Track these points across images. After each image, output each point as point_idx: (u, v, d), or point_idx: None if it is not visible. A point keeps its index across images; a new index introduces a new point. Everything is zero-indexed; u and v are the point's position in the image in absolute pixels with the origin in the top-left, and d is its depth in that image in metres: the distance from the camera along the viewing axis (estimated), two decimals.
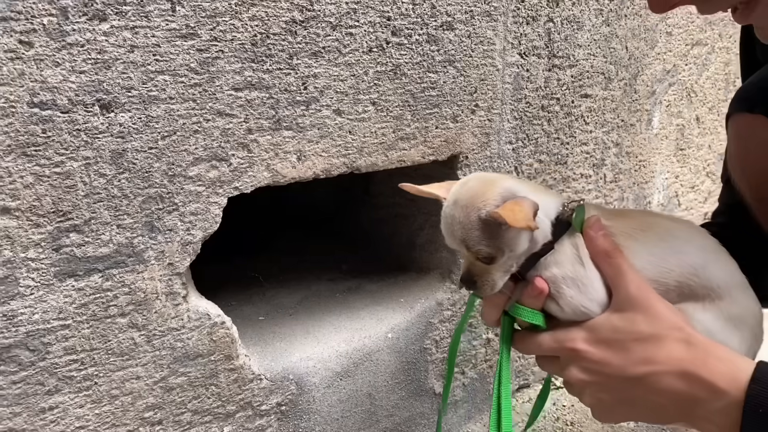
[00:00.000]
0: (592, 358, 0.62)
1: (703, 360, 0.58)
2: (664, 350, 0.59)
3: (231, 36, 0.83)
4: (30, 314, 0.76)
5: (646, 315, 0.61)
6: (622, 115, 1.54)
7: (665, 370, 0.59)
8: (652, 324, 0.60)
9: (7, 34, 0.68)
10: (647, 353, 0.60)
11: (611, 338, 0.62)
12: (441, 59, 1.08)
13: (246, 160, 0.89)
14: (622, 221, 0.70)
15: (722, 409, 0.56)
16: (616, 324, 0.62)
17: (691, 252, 0.68)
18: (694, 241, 0.70)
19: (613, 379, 0.61)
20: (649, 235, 0.69)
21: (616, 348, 0.61)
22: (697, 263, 0.67)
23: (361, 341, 1.11)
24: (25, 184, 0.72)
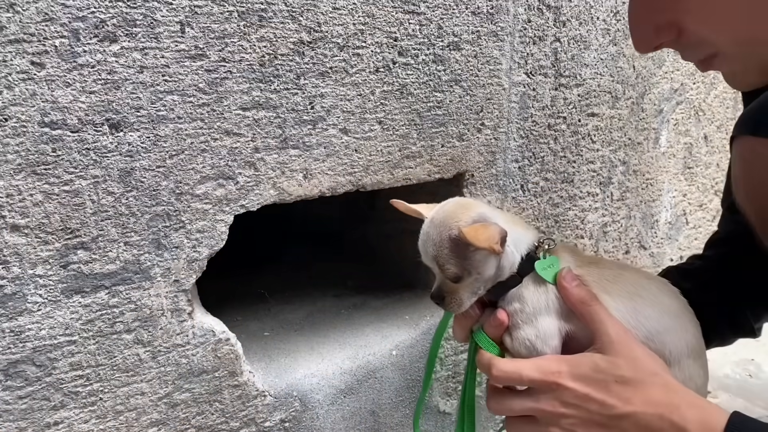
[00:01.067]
0: (575, 392, 0.65)
1: (677, 405, 0.62)
2: (643, 394, 0.63)
3: (239, 57, 0.85)
4: (37, 330, 0.77)
5: (627, 360, 0.65)
6: (629, 134, 1.55)
7: (643, 411, 0.62)
8: (632, 369, 0.64)
9: (20, 55, 0.69)
10: (627, 394, 0.63)
11: (593, 377, 0.65)
12: (447, 79, 1.09)
13: (253, 179, 0.90)
14: (594, 270, 0.74)
15: None
16: (599, 364, 0.66)
17: (651, 316, 0.71)
18: (658, 305, 0.73)
19: (594, 414, 0.65)
20: (617, 289, 0.72)
21: (598, 386, 0.65)
22: (654, 329, 0.70)
23: (366, 358, 1.11)
24: (35, 201, 0.73)
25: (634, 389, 0.64)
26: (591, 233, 1.52)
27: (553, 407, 0.66)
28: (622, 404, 0.64)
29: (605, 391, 0.64)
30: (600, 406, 0.64)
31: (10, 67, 0.69)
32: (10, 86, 0.69)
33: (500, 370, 0.70)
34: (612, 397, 0.64)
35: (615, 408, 0.64)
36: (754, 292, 0.89)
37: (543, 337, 0.71)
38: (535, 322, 0.71)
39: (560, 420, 0.67)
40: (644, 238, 1.72)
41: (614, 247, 1.62)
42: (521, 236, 0.74)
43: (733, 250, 0.92)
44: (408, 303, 1.31)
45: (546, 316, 0.71)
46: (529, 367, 0.69)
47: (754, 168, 0.71)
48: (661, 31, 0.65)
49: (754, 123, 0.70)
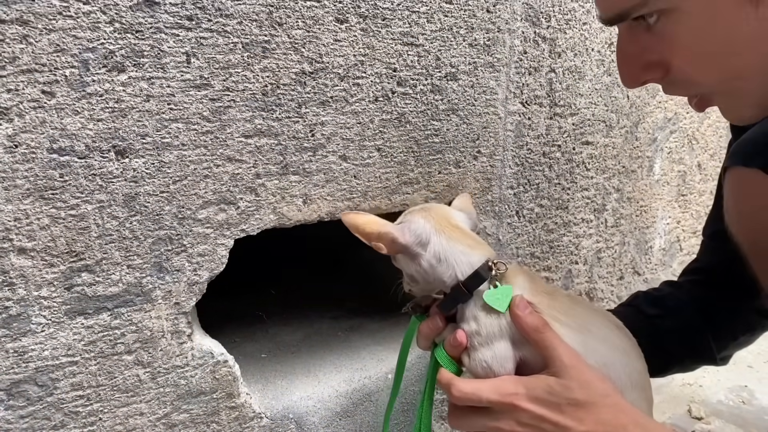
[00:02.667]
0: (531, 413, 0.69)
1: (624, 425, 0.66)
2: (594, 415, 0.67)
3: (243, 86, 0.87)
4: (40, 350, 0.78)
5: (580, 383, 0.68)
6: (624, 162, 1.57)
7: (595, 430, 0.66)
8: (584, 392, 0.68)
9: (32, 84, 0.72)
10: (580, 415, 0.67)
11: (548, 399, 0.69)
12: (444, 108, 1.12)
13: (253, 204, 0.92)
14: (546, 300, 0.77)
15: None
16: (553, 387, 0.69)
17: (599, 350, 0.74)
18: (605, 341, 0.76)
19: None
20: (568, 321, 0.75)
21: (552, 408, 0.69)
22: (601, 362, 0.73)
23: (362, 381, 1.12)
24: (42, 225, 0.76)
25: (586, 411, 0.67)
26: (585, 259, 1.55)
27: (511, 427, 0.70)
28: (575, 424, 0.67)
29: (558, 412, 0.68)
30: (554, 427, 0.68)
31: (21, 95, 0.72)
32: (21, 114, 0.72)
33: (460, 391, 0.73)
34: (566, 418, 0.67)
35: (569, 429, 0.67)
36: (722, 323, 0.92)
37: (499, 360, 0.74)
38: (491, 346, 0.74)
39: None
40: (638, 264, 1.74)
41: (608, 273, 1.64)
42: (462, 254, 0.77)
43: (708, 279, 0.94)
44: (404, 326, 1.32)
45: (501, 340, 0.74)
46: (487, 388, 0.72)
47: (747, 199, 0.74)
48: (649, 68, 0.67)
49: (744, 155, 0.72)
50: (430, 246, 0.78)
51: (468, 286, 0.76)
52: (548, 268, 1.45)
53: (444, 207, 0.87)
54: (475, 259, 0.77)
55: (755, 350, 1.94)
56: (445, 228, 0.80)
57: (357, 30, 0.97)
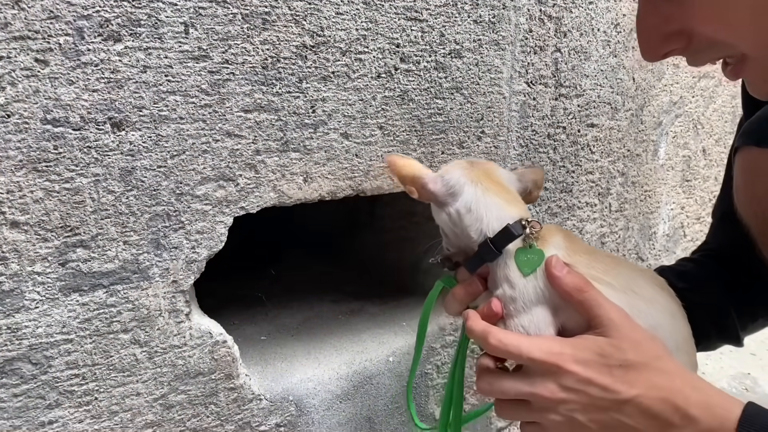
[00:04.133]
0: (577, 376, 0.63)
1: (680, 389, 0.60)
2: (646, 377, 0.61)
3: (242, 59, 0.85)
4: (34, 328, 0.76)
5: (631, 343, 0.63)
6: (628, 145, 1.55)
7: (646, 395, 0.61)
8: (636, 352, 0.62)
9: (24, 52, 0.70)
10: (631, 378, 0.62)
11: (597, 360, 0.63)
12: (448, 86, 1.10)
13: (253, 181, 0.90)
14: (586, 260, 0.71)
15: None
16: (604, 347, 0.63)
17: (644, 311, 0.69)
18: (652, 302, 0.70)
19: (596, 399, 0.62)
20: (611, 281, 0.70)
21: (601, 370, 0.62)
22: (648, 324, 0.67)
23: (362, 364, 1.11)
24: (35, 198, 0.73)
25: (638, 373, 0.61)
26: (589, 243, 1.53)
27: (551, 393, 0.63)
28: (626, 388, 0.61)
29: (608, 375, 0.62)
30: (602, 391, 0.62)
31: (14, 63, 0.69)
32: (14, 83, 0.70)
33: (498, 340, 0.66)
34: (615, 382, 0.62)
35: (618, 393, 0.62)
36: (742, 302, 0.89)
37: (538, 326, 0.68)
38: (528, 311, 0.68)
39: (558, 406, 0.64)
40: (642, 250, 1.72)
41: None
42: (495, 207, 0.72)
43: (721, 258, 0.92)
44: (405, 310, 1.31)
45: (538, 305, 0.68)
46: (530, 343, 0.65)
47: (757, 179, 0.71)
48: (671, 39, 0.63)
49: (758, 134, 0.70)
50: (462, 197, 0.73)
51: (497, 243, 0.69)
52: None
53: (491, 163, 0.80)
54: (507, 215, 0.71)
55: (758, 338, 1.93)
56: (482, 180, 0.74)
57: (359, 3, 0.95)
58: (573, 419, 0.63)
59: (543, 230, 0.71)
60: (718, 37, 0.60)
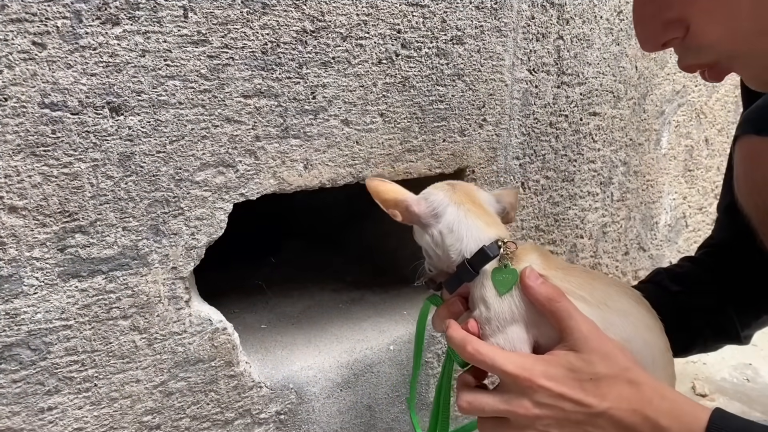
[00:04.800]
0: (549, 392, 0.64)
1: (648, 399, 0.61)
2: (616, 389, 0.62)
3: (242, 44, 0.84)
4: (33, 313, 0.76)
5: (600, 356, 0.64)
6: (631, 134, 1.54)
7: (617, 407, 0.62)
8: (605, 365, 0.63)
9: (21, 35, 0.69)
10: (602, 391, 0.62)
11: (568, 375, 0.64)
12: (450, 73, 1.09)
13: (253, 167, 0.89)
14: (562, 274, 0.72)
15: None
16: (573, 362, 0.64)
17: (618, 325, 0.69)
18: (626, 316, 0.71)
19: (570, 413, 0.63)
20: (585, 296, 0.70)
21: (572, 385, 0.63)
22: (621, 338, 0.68)
23: (363, 352, 1.10)
24: (33, 183, 0.73)
25: (608, 386, 0.62)
26: (591, 233, 1.52)
27: (526, 409, 0.64)
28: (598, 401, 0.62)
29: (579, 389, 0.63)
30: (575, 405, 0.63)
31: (11, 46, 0.69)
32: (11, 66, 0.69)
33: (475, 349, 0.67)
34: (587, 396, 0.63)
35: (591, 406, 0.62)
36: (743, 299, 0.88)
37: (513, 344, 0.70)
38: (503, 330, 0.70)
39: (535, 422, 0.65)
40: (644, 240, 1.72)
41: (613, 248, 1.62)
42: (475, 228, 0.74)
43: (725, 255, 0.91)
44: (406, 299, 1.30)
45: (513, 324, 0.70)
46: (504, 357, 0.66)
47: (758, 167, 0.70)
48: (669, 27, 0.63)
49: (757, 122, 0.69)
50: (444, 218, 0.75)
51: (473, 263, 0.72)
52: (553, 242, 1.43)
53: (471, 185, 0.83)
54: (486, 236, 0.73)
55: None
56: (464, 202, 0.76)
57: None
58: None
59: (519, 250, 0.73)
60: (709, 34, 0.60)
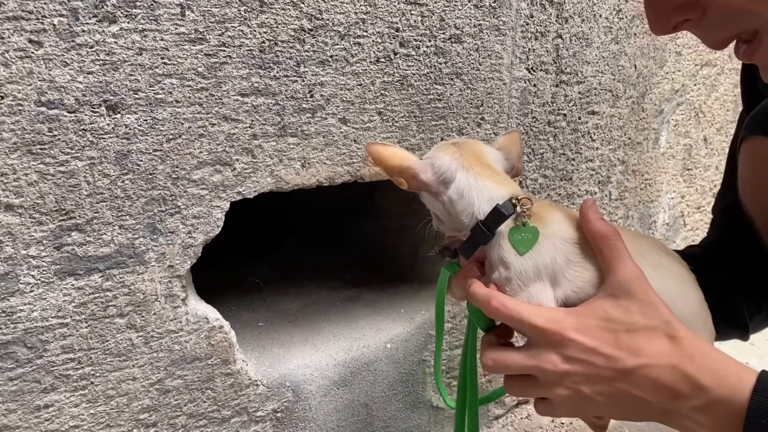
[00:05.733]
0: (580, 345, 0.59)
1: (690, 356, 0.57)
2: (653, 344, 0.58)
3: (239, 42, 0.84)
4: (29, 311, 0.76)
5: (641, 305, 0.59)
6: (629, 133, 1.54)
7: (654, 363, 0.57)
8: (645, 315, 0.59)
9: (18, 33, 0.69)
10: (638, 345, 0.58)
11: (603, 326, 0.59)
12: (448, 71, 1.09)
13: (250, 166, 0.89)
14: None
15: (702, 406, 0.56)
16: (609, 312, 0.60)
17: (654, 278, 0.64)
18: (660, 268, 0.67)
19: (601, 369, 0.59)
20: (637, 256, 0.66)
21: (606, 338, 0.59)
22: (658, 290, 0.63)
23: (360, 351, 1.10)
24: (29, 181, 0.73)
25: (645, 339, 0.58)
26: None
27: (555, 365, 0.60)
28: (632, 357, 0.58)
29: (614, 342, 0.58)
30: (607, 360, 0.58)
31: (7, 44, 0.68)
32: (7, 64, 0.69)
33: (501, 303, 0.63)
34: (620, 350, 0.58)
35: (623, 361, 0.58)
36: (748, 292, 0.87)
37: (537, 301, 0.65)
38: (526, 289, 0.65)
39: (563, 379, 0.60)
40: None
41: None
42: (486, 190, 0.70)
43: (726, 249, 0.90)
44: (404, 297, 1.30)
45: (536, 281, 0.65)
46: (532, 310, 0.62)
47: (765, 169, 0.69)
48: (684, 8, 0.58)
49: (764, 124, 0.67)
50: (454, 184, 0.71)
51: (488, 224, 0.67)
52: None
53: (477, 143, 0.78)
54: (498, 195, 0.69)
55: None
56: (473, 165, 0.72)
57: None
58: (579, 392, 0.60)
59: (537, 206, 0.69)
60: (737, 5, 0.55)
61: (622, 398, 0.59)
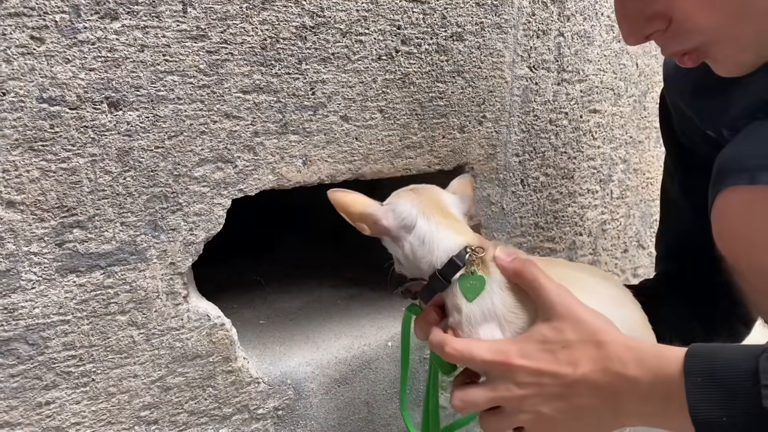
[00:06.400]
0: (527, 369, 0.63)
1: (615, 354, 0.60)
2: (588, 353, 0.62)
3: (241, 39, 0.84)
4: (30, 308, 0.76)
5: (570, 322, 0.63)
6: (631, 132, 1.54)
7: (589, 371, 0.61)
8: (575, 331, 0.63)
9: (20, 29, 0.69)
10: (574, 358, 0.62)
11: (542, 348, 0.64)
12: (450, 69, 1.09)
13: (251, 163, 0.89)
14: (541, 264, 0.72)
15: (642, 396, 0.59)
16: (545, 334, 0.64)
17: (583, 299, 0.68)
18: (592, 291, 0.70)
19: (551, 387, 0.63)
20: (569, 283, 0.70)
21: (547, 358, 0.63)
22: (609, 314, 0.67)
23: (361, 349, 1.10)
24: (31, 178, 0.73)
25: (579, 351, 0.62)
26: (590, 230, 1.52)
27: (510, 391, 0.65)
28: (572, 370, 0.62)
29: (554, 360, 0.63)
30: (553, 378, 0.63)
31: (9, 40, 0.68)
32: (9, 60, 0.69)
33: (452, 348, 0.68)
34: (560, 366, 0.62)
35: (566, 376, 0.62)
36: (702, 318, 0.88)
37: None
38: (475, 333, 0.70)
39: (522, 403, 0.65)
40: (643, 238, 1.71)
41: (613, 246, 1.62)
42: (446, 240, 0.73)
43: (676, 284, 0.91)
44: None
45: (485, 324, 0.70)
46: (479, 346, 0.67)
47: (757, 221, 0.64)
48: (653, 20, 0.64)
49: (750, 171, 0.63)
50: (414, 230, 0.74)
51: (444, 274, 0.72)
52: (552, 239, 1.43)
53: (435, 189, 0.81)
54: (455, 246, 0.73)
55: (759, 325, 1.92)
56: (433, 212, 0.75)
57: None
58: (540, 413, 0.64)
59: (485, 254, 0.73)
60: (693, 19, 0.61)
61: (578, 411, 0.63)
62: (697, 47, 0.65)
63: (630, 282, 1.73)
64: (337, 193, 0.77)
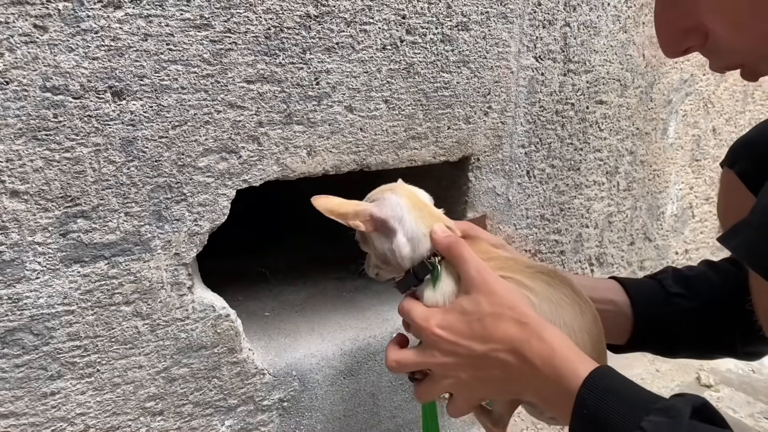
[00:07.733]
0: (445, 340, 0.67)
1: (528, 339, 0.63)
2: (501, 328, 0.64)
3: (245, 28, 0.83)
4: (35, 298, 0.76)
5: (487, 295, 0.66)
6: (637, 123, 1.53)
7: (500, 348, 0.64)
8: (491, 303, 0.66)
9: (23, 18, 0.68)
10: (487, 331, 0.65)
11: (460, 319, 0.67)
12: (455, 59, 1.08)
13: (256, 153, 0.89)
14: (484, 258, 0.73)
15: (540, 383, 0.62)
16: (464, 306, 0.68)
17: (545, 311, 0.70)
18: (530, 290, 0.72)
19: (464, 357, 0.67)
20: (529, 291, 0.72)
21: (462, 330, 0.67)
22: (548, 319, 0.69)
23: (366, 340, 1.10)
24: (35, 167, 0.73)
25: (493, 324, 0.65)
26: (596, 223, 1.51)
27: (434, 357, 0.69)
28: (482, 343, 0.65)
29: (468, 333, 0.66)
30: (466, 349, 0.66)
31: (12, 29, 0.68)
32: (12, 49, 0.68)
33: (402, 305, 0.74)
34: (474, 339, 0.66)
35: (476, 349, 0.65)
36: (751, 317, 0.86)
37: None
38: None
39: (446, 371, 0.69)
40: (649, 230, 1.70)
41: (619, 238, 1.61)
42: (421, 237, 0.74)
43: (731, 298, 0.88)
44: None
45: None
46: (414, 307, 0.72)
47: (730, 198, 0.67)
48: (689, 34, 0.62)
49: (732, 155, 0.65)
50: (404, 221, 0.75)
51: (416, 273, 0.75)
52: (558, 231, 1.42)
53: (409, 186, 0.82)
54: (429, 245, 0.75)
55: None
56: (416, 204, 0.77)
57: None
58: (459, 379, 0.68)
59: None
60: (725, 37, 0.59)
61: (488, 379, 0.66)
62: (743, 64, 0.63)
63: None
64: (321, 199, 0.78)
